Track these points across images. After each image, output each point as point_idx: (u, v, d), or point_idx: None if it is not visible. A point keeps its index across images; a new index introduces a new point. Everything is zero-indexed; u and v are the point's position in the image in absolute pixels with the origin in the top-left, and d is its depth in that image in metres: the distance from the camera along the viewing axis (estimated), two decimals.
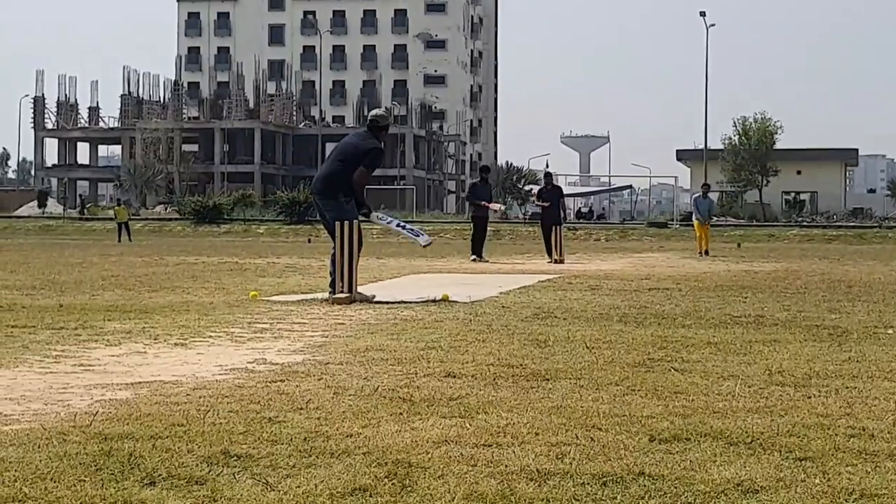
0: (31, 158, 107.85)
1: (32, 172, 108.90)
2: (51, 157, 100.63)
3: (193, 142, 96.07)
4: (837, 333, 8.20)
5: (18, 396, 5.25)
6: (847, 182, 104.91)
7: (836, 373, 6.13)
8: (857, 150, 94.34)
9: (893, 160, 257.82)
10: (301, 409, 4.88)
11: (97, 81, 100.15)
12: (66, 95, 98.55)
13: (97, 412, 4.80)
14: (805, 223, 59.87)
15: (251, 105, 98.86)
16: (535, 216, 41.11)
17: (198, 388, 5.49)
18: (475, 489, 3.54)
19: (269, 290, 12.55)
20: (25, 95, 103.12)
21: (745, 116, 75.47)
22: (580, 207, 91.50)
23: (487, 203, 22.95)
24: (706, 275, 16.95)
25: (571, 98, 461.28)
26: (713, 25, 72.93)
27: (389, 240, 44.97)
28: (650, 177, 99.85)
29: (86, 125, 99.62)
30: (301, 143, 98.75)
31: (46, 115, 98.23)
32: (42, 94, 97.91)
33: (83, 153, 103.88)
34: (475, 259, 21.98)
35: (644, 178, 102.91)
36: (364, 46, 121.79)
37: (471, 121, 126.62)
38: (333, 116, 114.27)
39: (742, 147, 74.19)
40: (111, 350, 7.05)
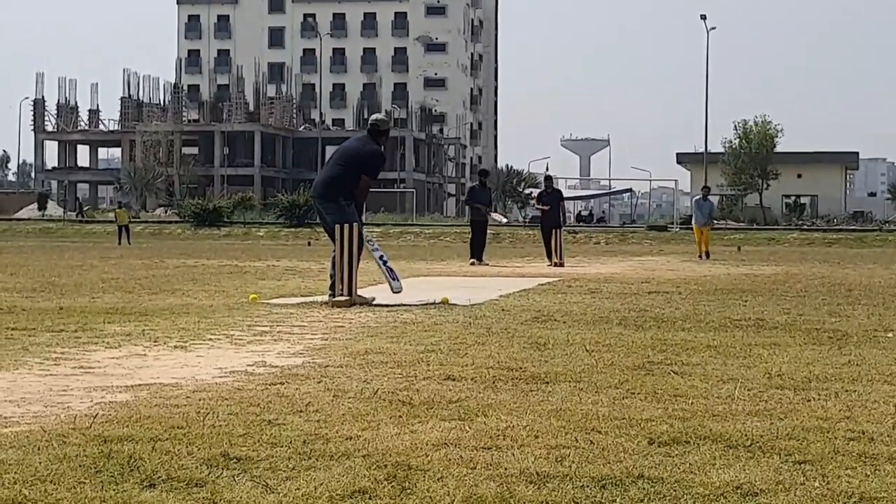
0: (31, 161, 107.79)
1: (32, 175, 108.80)
2: (51, 160, 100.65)
3: (193, 144, 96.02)
4: (837, 337, 8.20)
5: (18, 398, 5.26)
6: (847, 185, 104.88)
7: (836, 376, 6.14)
8: (858, 154, 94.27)
9: (894, 163, 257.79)
10: (301, 412, 4.89)
11: (97, 84, 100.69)
12: (66, 98, 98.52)
13: (97, 414, 4.80)
14: (805, 227, 59.85)
15: (251, 108, 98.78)
16: (535, 219, 41.09)
17: (197, 391, 5.49)
18: (475, 492, 3.54)
19: (269, 293, 12.55)
20: (25, 98, 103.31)
21: (746, 120, 75.50)
22: (580, 211, 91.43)
23: (486, 206, 22.95)
24: (706, 278, 16.95)
25: (571, 100, 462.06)
26: (714, 28, 73.04)
27: (389, 242, 44.96)
28: (650, 180, 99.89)
29: (86, 128, 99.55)
30: (301, 146, 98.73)
31: (46, 118, 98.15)
32: (42, 97, 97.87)
33: (83, 156, 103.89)
34: (474, 263, 21.97)
35: (644, 182, 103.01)
36: (364, 49, 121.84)
37: (471, 124, 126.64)
38: (333, 119, 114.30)
39: (742, 150, 74.15)
40: (111, 352, 7.05)
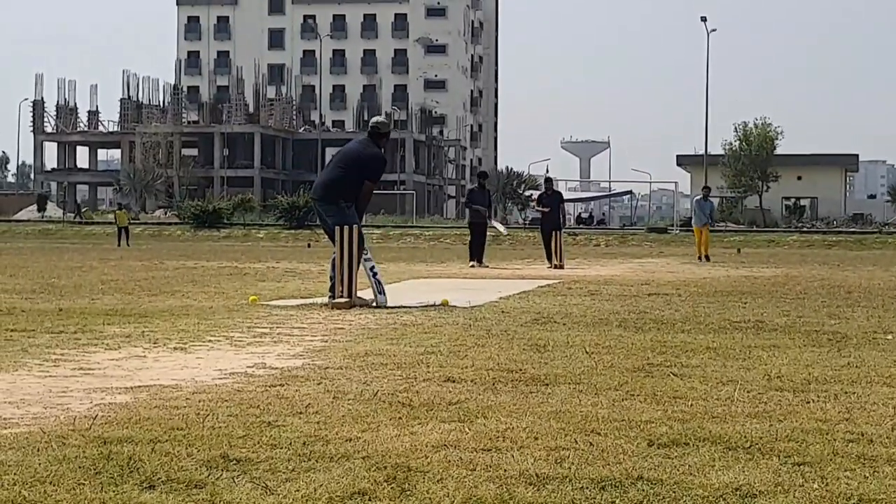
0: (31, 162, 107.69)
1: (32, 176, 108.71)
2: (50, 161, 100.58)
3: (193, 146, 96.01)
4: (837, 339, 8.21)
5: (18, 400, 5.26)
6: (847, 188, 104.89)
7: (835, 378, 6.14)
8: (858, 156, 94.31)
9: (894, 166, 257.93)
10: (300, 414, 4.89)
11: (96, 85, 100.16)
12: (66, 99, 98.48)
13: (96, 416, 4.80)
14: (805, 229, 59.85)
15: (251, 109, 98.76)
16: (535, 221, 41.11)
17: (197, 392, 5.49)
18: (474, 493, 3.54)
19: (269, 295, 12.55)
20: (25, 99, 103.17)
21: (746, 122, 75.53)
22: (580, 213, 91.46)
23: (485, 208, 22.92)
24: (706, 280, 16.96)
25: (571, 102, 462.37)
26: (714, 31, 72.90)
27: (389, 244, 44.96)
28: (650, 182, 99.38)
29: (85, 129, 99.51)
30: (301, 148, 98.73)
31: (46, 119, 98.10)
32: (41, 98, 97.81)
33: (82, 157, 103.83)
34: (473, 265, 21.95)
35: (644, 184, 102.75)
36: (364, 51, 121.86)
37: (471, 126, 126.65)
38: (333, 121, 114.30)
39: (742, 153, 74.16)
40: (110, 354, 7.05)
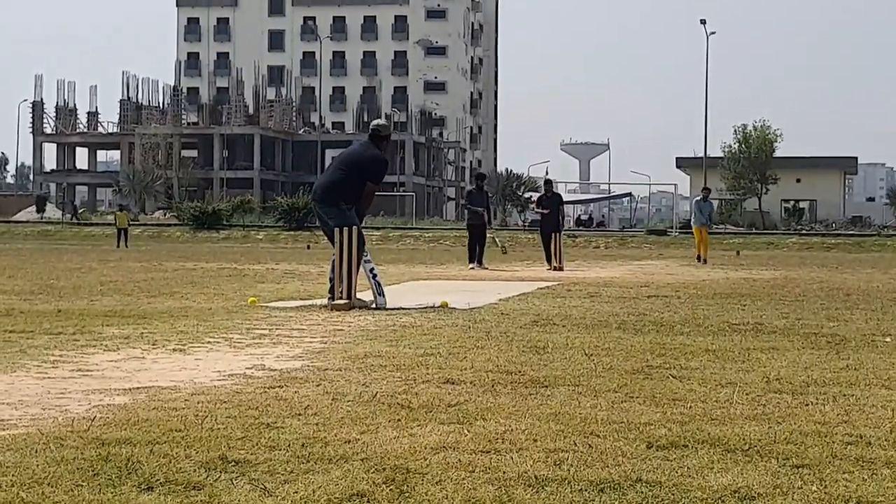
0: (30, 163, 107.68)
1: (31, 177, 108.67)
2: (49, 162, 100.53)
3: (192, 147, 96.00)
4: (835, 341, 8.21)
5: (16, 401, 5.25)
6: (846, 190, 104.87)
7: (834, 380, 6.14)
8: (857, 159, 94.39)
9: (893, 169, 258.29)
10: (299, 415, 4.88)
11: (96, 86, 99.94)
12: (65, 100, 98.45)
13: (95, 417, 4.80)
14: (804, 231, 59.81)
15: (251, 111, 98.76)
16: (535, 223, 41.11)
17: (196, 394, 5.49)
18: (473, 495, 3.54)
19: (268, 296, 12.55)
20: (24, 100, 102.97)
21: (745, 124, 75.53)
22: (580, 215, 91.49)
23: (483, 209, 22.89)
24: (705, 282, 16.95)
25: (571, 103, 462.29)
26: (713, 33, 72.89)
27: (388, 246, 44.97)
28: (650, 184, 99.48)
29: (84, 130, 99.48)
30: (300, 150, 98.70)
31: (45, 120, 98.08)
32: (41, 99, 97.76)
33: (82, 158, 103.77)
34: (473, 267, 21.92)
35: (644, 186, 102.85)
36: (364, 53, 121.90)
37: (470, 127, 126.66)
38: (333, 123, 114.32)
39: (742, 155, 74.17)
40: (109, 355, 7.05)
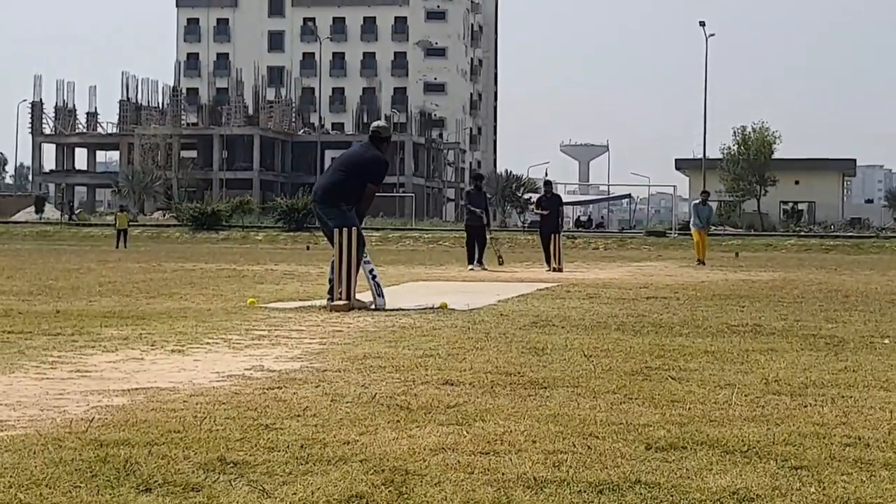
0: (29, 164, 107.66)
1: (30, 178, 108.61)
2: (48, 163, 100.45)
3: (192, 148, 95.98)
4: (834, 343, 8.21)
5: (14, 402, 5.25)
6: (845, 192, 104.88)
7: (833, 382, 6.14)
8: (855, 161, 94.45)
9: (891, 171, 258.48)
10: (298, 416, 4.88)
11: (95, 87, 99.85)
12: (65, 100, 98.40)
13: (93, 418, 4.80)
14: (803, 233, 59.85)
15: (250, 111, 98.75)
16: (534, 224, 41.11)
17: (194, 395, 5.48)
18: (472, 497, 3.54)
19: (267, 297, 12.55)
20: (23, 100, 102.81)
21: (744, 126, 75.54)
22: (579, 216, 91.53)
23: (482, 210, 22.87)
24: (704, 284, 16.96)
25: (570, 104, 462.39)
26: (712, 35, 72.86)
27: (388, 247, 44.96)
28: (649, 186, 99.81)
29: (84, 130, 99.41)
30: (300, 150, 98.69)
31: (44, 121, 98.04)
32: (40, 99, 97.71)
33: (81, 159, 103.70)
34: (472, 269, 21.90)
35: (643, 188, 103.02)
36: (364, 53, 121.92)
37: (470, 129, 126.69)
38: (333, 123, 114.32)
39: (741, 157, 74.16)
40: (108, 356, 7.04)
